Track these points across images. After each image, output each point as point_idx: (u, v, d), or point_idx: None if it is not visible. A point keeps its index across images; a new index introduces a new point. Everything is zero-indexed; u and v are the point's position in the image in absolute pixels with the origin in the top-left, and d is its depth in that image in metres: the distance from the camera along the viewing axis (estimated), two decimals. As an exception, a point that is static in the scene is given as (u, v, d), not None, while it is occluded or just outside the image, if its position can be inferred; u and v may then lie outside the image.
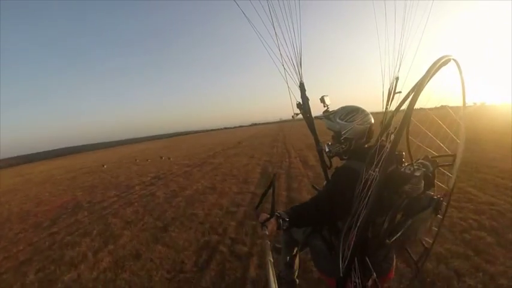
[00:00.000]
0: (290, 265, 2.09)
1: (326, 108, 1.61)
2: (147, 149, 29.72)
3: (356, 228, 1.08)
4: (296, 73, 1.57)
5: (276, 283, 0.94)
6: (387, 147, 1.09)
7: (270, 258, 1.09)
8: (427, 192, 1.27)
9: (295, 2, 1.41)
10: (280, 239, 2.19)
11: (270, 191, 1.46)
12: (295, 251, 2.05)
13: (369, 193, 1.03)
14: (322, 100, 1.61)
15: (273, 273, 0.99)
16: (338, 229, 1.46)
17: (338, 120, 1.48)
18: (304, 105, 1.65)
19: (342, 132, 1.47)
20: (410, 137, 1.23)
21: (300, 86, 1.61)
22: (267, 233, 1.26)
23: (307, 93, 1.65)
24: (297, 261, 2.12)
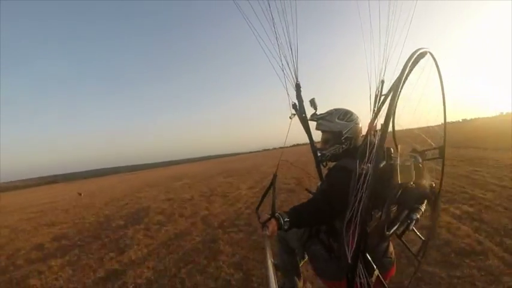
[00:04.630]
0: (291, 279, 1.97)
1: (314, 111, 1.62)
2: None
3: (357, 220, 1.07)
4: (292, 74, 1.66)
5: (276, 284, 0.94)
6: (376, 141, 1.10)
7: (271, 259, 1.09)
8: (418, 181, 1.25)
9: (290, 3, 1.54)
10: (277, 254, 2.07)
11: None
12: (294, 262, 1.96)
13: (365, 186, 1.04)
14: (312, 103, 1.61)
15: (273, 274, 0.99)
16: (336, 231, 1.45)
17: (337, 120, 1.49)
18: (299, 106, 1.73)
19: (344, 132, 1.48)
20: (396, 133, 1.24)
21: (295, 87, 1.70)
22: (268, 233, 1.26)
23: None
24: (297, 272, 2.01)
